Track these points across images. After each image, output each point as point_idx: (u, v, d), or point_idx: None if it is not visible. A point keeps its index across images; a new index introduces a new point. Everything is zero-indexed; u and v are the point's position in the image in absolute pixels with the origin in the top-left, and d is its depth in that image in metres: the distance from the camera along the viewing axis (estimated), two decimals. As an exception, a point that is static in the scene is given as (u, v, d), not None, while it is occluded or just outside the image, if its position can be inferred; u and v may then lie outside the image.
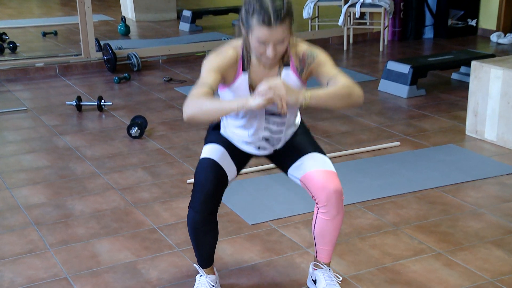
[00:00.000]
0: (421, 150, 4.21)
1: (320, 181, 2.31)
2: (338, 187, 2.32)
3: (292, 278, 2.73)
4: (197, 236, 2.42)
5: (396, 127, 4.68)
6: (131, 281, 2.72)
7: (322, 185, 2.31)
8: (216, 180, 2.31)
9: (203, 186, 2.30)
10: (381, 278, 2.71)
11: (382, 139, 4.43)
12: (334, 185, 2.31)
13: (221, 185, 2.33)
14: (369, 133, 4.57)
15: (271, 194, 3.57)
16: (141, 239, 3.10)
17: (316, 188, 2.33)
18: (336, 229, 2.43)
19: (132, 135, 4.51)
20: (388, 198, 3.51)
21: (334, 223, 2.41)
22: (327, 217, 2.38)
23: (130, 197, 3.57)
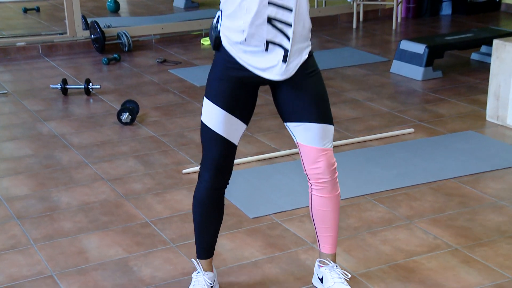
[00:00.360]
0: (437, 137, 4.22)
1: (314, 157, 2.39)
2: (329, 164, 2.40)
3: (296, 276, 2.75)
4: (201, 213, 2.46)
5: (410, 112, 4.68)
6: (122, 279, 2.74)
7: (314, 161, 2.39)
8: (223, 154, 2.37)
9: (210, 160, 2.37)
10: (393, 276, 2.73)
11: (395, 126, 4.43)
12: (326, 163, 2.39)
13: (229, 155, 2.39)
14: (380, 119, 4.57)
15: (273, 185, 3.58)
16: (132, 234, 3.11)
17: (309, 162, 2.41)
18: (335, 209, 2.48)
19: (123, 121, 4.52)
20: (400, 190, 3.52)
21: (332, 201, 2.46)
22: (324, 194, 2.44)
23: (120, 189, 3.59)
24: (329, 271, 2.57)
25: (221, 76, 2.32)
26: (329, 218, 2.49)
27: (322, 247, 2.57)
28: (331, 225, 2.51)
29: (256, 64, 2.27)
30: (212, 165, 2.38)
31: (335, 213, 2.50)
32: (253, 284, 2.69)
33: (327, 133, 2.38)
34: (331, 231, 2.53)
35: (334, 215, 2.50)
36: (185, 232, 3.10)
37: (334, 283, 2.54)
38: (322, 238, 2.55)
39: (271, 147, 4.12)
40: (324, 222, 2.50)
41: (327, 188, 2.44)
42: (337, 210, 2.50)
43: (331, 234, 2.54)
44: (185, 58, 6.18)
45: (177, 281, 2.72)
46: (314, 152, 2.38)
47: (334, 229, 2.53)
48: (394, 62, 5.58)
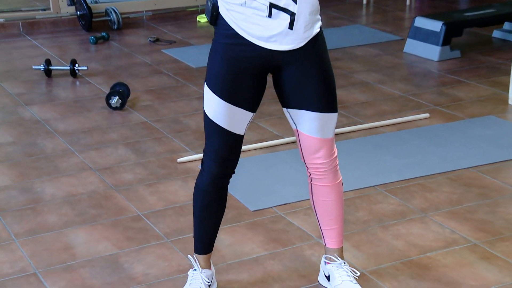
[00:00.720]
0: (455, 123, 4.22)
1: (312, 147, 2.40)
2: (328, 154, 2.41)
3: (301, 273, 2.76)
4: (202, 202, 2.47)
5: (425, 95, 4.68)
6: (112, 277, 2.75)
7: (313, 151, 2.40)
8: (228, 146, 2.37)
9: (214, 150, 2.38)
10: (406, 273, 2.74)
11: (408, 110, 4.43)
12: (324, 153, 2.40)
13: (235, 146, 2.39)
14: (392, 103, 4.56)
15: (276, 175, 3.58)
16: (123, 228, 3.13)
17: (307, 151, 2.42)
18: (338, 198, 2.49)
19: (112, 106, 4.52)
20: (414, 180, 3.52)
21: (334, 190, 2.47)
22: (324, 183, 2.45)
23: (110, 179, 3.59)
24: (337, 268, 2.58)
25: (222, 59, 2.27)
26: (332, 208, 2.50)
27: (327, 241, 2.58)
28: (335, 216, 2.52)
29: (258, 32, 2.21)
30: (216, 155, 2.38)
31: (338, 202, 2.50)
32: (254, 282, 2.70)
33: (330, 122, 2.38)
34: (336, 223, 2.53)
35: (337, 205, 2.50)
36: (180, 226, 3.11)
37: (342, 281, 2.55)
38: (327, 232, 2.56)
39: (273, 133, 4.13)
40: (327, 214, 2.51)
41: (328, 176, 2.45)
42: (341, 200, 2.51)
43: (336, 227, 2.54)
44: (179, 37, 6.17)
45: (172, 279, 2.73)
46: (315, 142, 2.39)
47: (338, 220, 2.53)
48: (408, 41, 5.57)
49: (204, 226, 2.52)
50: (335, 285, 2.57)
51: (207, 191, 2.44)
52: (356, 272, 2.61)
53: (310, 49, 2.28)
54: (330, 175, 2.46)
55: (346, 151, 3.79)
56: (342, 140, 3.95)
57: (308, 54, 2.29)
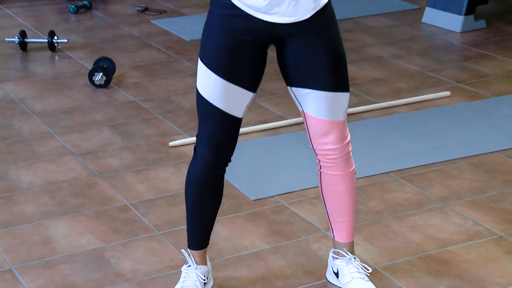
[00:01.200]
0: (479, 102, 4.22)
1: (321, 131, 2.40)
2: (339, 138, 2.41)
3: (306, 269, 2.78)
4: (195, 193, 2.47)
5: (446, 71, 4.68)
6: (97, 274, 2.77)
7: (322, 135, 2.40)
8: (224, 130, 2.37)
9: (208, 134, 2.37)
10: (424, 269, 2.76)
11: (427, 88, 4.43)
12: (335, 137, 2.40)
13: (232, 130, 2.39)
14: (409, 80, 4.56)
15: (279, 161, 3.59)
16: (109, 219, 3.14)
17: (315, 136, 2.42)
18: (350, 188, 2.50)
19: (96, 83, 4.52)
20: (433, 166, 3.53)
21: (345, 180, 2.47)
22: (335, 172, 2.45)
23: (94, 165, 3.60)
24: (346, 264, 2.59)
25: (218, 32, 2.27)
26: (343, 199, 2.51)
27: (337, 235, 2.59)
28: (346, 208, 2.53)
29: (257, 3, 2.21)
30: (210, 140, 2.37)
31: (350, 193, 2.51)
32: (255, 279, 2.72)
33: (341, 103, 2.38)
34: (346, 215, 2.54)
35: (349, 195, 2.51)
36: (173, 218, 3.12)
37: (352, 278, 2.57)
38: (336, 224, 2.57)
39: (276, 114, 4.13)
40: (337, 205, 2.52)
41: (339, 164, 2.45)
42: (353, 190, 2.51)
43: (347, 219, 2.55)
44: (171, 6, 6.16)
45: (163, 276, 2.74)
46: (324, 125, 2.38)
47: (349, 212, 2.54)
48: (427, 10, 5.56)
49: (198, 219, 2.53)
50: (345, 282, 2.58)
51: (200, 181, 2.45)
52: (367, 268, 2.62)
53: (316, 21, 2.28)
54: (342, 162, 2.45)
55: (356, 133, 3.80)
56: (353, 121, 3.95)
57: (314, 27, 2.28)
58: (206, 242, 2.58)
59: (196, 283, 2.55)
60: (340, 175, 2.47)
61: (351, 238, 2.60)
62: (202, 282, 2.56)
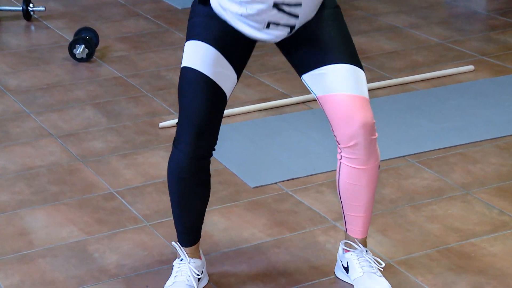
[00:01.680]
0: (506, 77, 4.21)
1: (345, 109, 2.37)
2: (367, 119, 2.38)
3: (312, 263, 2.79)
4: (180, 191, 2.48)
5: (469, 43, 4.66)
6: (79, 269, 2.78)
7: (347, 115, 2.37)
8: (210, 106, 2.37)
9: (192, 117, 2.37)
10: (443, 264, 2.77)
11: (448, 62, 4.42)
12: (363, 116, 2.37)
13: (217, 111, 2.39)
14: (428, 53, 4.55)
15: (282, 144, 3.59)
16: (92, 208, 3.15)
17: (339, 118, 2.39)
18: (371, 183, 2.48)
19: (77, 57, 4.51)
20: (454, 149, 3.53)
21: (367, 175, 2.46)
22: (356, 165, 2.44)
23: (75, 148, 3.61)
24: (357, 258, 2.60)
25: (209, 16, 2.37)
26: (362, 195, 2.50)
27: (350, 228, 2.60)
28: (364, 204, 2.52)
29: (251, 34, 2.38)
30: (194, 123, 2.37)
31: (370, 189, 2.50)
32: (255, 275, 2.73)
33: (360, 79, 2.39)
34: (363, 211, 2.55)
35: (369, 191, 2.50)
36: (163, 207, 3.13)
37: (363, 273, 2.57)
38: (350, 218, 2.57)
39: (278, 91, 4.12)
40: (354, 200, 2.52)
41: (363, 155, 2.42)
42: (374, 185, 2.50)
43: (363, 215, 2.55)
44: (161, -31, 6.14)
45: (153, 272, 2.75)
46: (346, 101, 2.36)
47: (367, 209, 2.54)
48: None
49: (185, 217, 2.54)
50: (355, 278, 2.59)
51: (185, 178, 2.45)
52: (380, 262, 2.62)
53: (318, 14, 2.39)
54: (366, 153, 2.41)
55: (369, 113, 3.80)
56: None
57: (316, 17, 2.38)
58: (197, 238, 2.59)
59: (190, 278, 2.55)
60: (363, 169, 2.45)
61: (365, 234, 2.60)
62: (196, 277, 2.57)
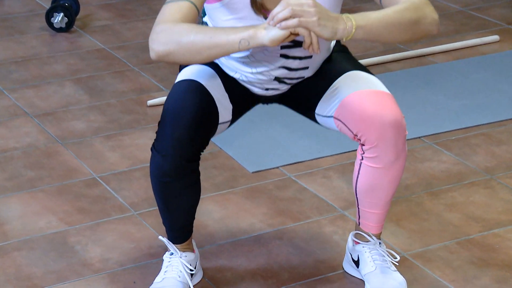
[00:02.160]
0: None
1: (366, 106, 2.35)
2: (396, 115, 2.35)
3: (318, 257, 2.79)
4: (165, 195, 2.47)
5: (494, 10, 4.65)
6: (59, 263, 2.78)
7: (369, 113, 2.34)
8: (200, 108, 2.34)
9: (177, 116, 2.33)
10: (464, 257, 2.77)
11: (470, 32, 4.42)
12: (390, 112, 2.35)
13: (207, 120, 2.36)
14: (447, 22, 4.54)
15: (285, 123, 3.60)
16: (74, 196, 3.15)
17: (360, 117, 2.36)
18: (392, 183, 2.47)
19: (55, 26, 4.50)
20: (477, 128, 3.54)
21: (389, 175, 2.45)
22: (378, 165, 2.42)
23: (54, 129, 3.61)
24: (369, 250, 2.61)
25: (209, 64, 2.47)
26: (381, 193, 2.49)
27: (363, 223, 2.60)
28: (382, 201, 2.52)
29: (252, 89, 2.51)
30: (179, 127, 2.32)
31: (392, 187, 2.48)
32: (255, 270, 2.74)
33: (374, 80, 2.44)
34: (381, 208, 2.55)
35: (390, 189, 2.49)
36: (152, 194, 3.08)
37: (375, 267, 2.58)
38: (366, 214, 2.57)
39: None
40: (372, 198, 2.52)
41: (389, 155, 2.39)
42: (397, 183, 2.48)
43: (379, 212, 2.56)
44: None
45: (141, 266, 2.76)
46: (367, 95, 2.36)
47: (385, 205, 2.54)
48: None
49: (173, 217, 2.54)
50: (366, 272, 2.59)
51: (168, 182, 2.42)
52: (395, 256, 2.63)
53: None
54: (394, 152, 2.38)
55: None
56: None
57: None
58: (188, 235, 2.60)
59: (181, 274, 2.56)
60: (387, 168, 2.43)
61: (379, 229, 2.61)
62: (188, 272, 2.57)
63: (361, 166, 2.46)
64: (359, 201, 2.55)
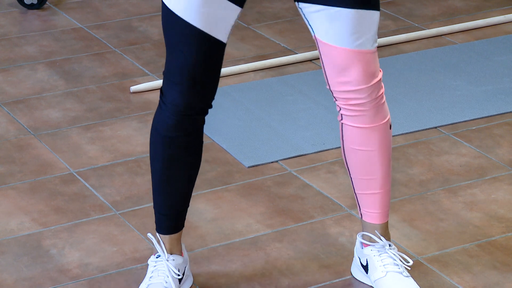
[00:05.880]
0: None
1: (344, 63, 2.39)
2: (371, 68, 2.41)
3: (323, 262, 2.81)
4: (165, 155, 2.49)
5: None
6: (32, 270, 2.79)
7: (344, 68, 2.40)
8: (205, 59, 2.38)
9: (183, 66, 2.38)
10: (485, 261, 2.78)
11: (492, 8, 4.42)
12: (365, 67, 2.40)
13: (214, 61, 2.40)
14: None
15: (285, 112, 3.61)
16: (49, 193, 3.16)
17: (335, 69, 2.42)
18: (383, 146, 2.51)
19: (26, 3, 4.50)
20: (500, 117, 3.55)
21: (375, 135, 2.48)
22: (361, 123, 2.46)
23: (26, 118, 3.62)
24: (379, 253, 2.62)
25: None
26: (375, 164, 2.52)
27: (365, 213, 2.62)
28: (379, 176, 2.54)
29: None
30: (182, 75, 2.38)
31: (383, 154, 2.52)
32: (251, 276, 2.75)
33: (368, 25, 2.39)
34: (379, 186, 2.56)
35: (381, 158, 2.52)
36: (137, 192, 3.15)
37: (386, 273, 2.59)
38: (364, 198, 2.59)
39: (280, 47, 4.13)
40: (365, 172, 2.54)
41: (366, 113, 2.45)
42: (387, 149, 2.52)
43: (379, 191, 2.57)
44: None
45: (124, 272, 2.77)
46: (343, 56, 2.39)
47: (383, 182, 2.56)
48: None
49: (169, 191, 2.55)
50: (376, 278, 2.61)
51: (171, 138, 2.46)
52: (408, 260, 2.64)
53: None
54: (370, 110, 2.45)
55: (393, 72, 3.81)
56: (388, 56, 3.95)
57: None
58: (180, 224, 2.60)
59: (168, 279, 2.56)
60: (368, 128, 2.47)
61: (385, 218, 2.62)
62: (176, 278, 2.58)
63: (343, 128, 2.50)
64: (354, 182, 2.57)
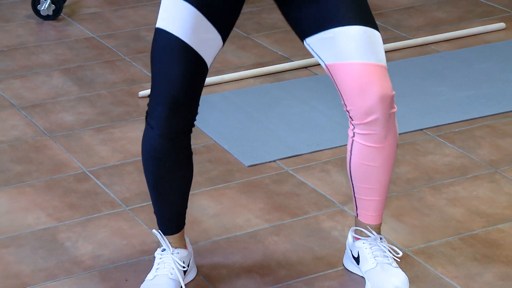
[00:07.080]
0: (541, 37, 4.22)
1: (360, 80, 2.36)
2: (387, 90, 2.37)
3: (317, 253, 2.81)
4: (157, 174, 2.49)
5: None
6: (48, 261, 2.79)
7: (362, 88, 2.36)
8: (187, 76, 2.37)
9: (165, 88, 2.37)
10: (467, 253, 2.79)
11: (474, 19, 4.41)
12: (381, 88, 2.37)
13: (196, 81, 2.39)
14: (451, 9, 4.54)
15: (282, 115, 3.61)
16: (63, 191, 3.16)
17: (353, 91, 2.38)
18: (387, 163, 2.50)
19: (42, 14, 4.50)
20: (481, 120, 3.54)
21: (383, 154, 2.47)
22: (372, 143, 2.45)
23: (42, 121, 3.62)
24: (370, 246, 2.62)
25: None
26: (377, 177, 2.51)
27: (361, 214, 2.62)
28: (379, 186, 2.54)
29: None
30: (167, 94, 2.36)
31: (386, 169, 2.51)
32: (250, 267, 2.75)
33: (376, 43, 2.38)
34: (378, 194, 2.56)
35: (385, 173, 2.51)
36: (145, 189, 3.15)
37: (376, 264, 2.59)
38: (363, 202, 2.59)
39: (277, 55, 4.12)
40: (367, 182, 2.53)
41: (379, 132, 2.42)
42: (391, 166, 2.51)
43: (378, 198, 2.57)
44: None
45: (133, 263, 2.77)
46: (361, 70, 2.35)
47: (382, 192, 2.56)
48: None
49: (165, 203, 2.56)
50: (367, 269, 2.61)
51: (160, 159, 2.45)
52: (397, 252, 2.64)
53: None
54: (383, 130, 2.42)
55: (382, 79, 3.82)
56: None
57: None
58: (180, 225, 2.61)
59: (173, 271, 2.56)
60: (379, 147, 2.45)
61: (379, 219, 2.62)
62: (181, 269, 2.58)
63: (354, 144, 2.48)
64: (355, 188, 2.56)
